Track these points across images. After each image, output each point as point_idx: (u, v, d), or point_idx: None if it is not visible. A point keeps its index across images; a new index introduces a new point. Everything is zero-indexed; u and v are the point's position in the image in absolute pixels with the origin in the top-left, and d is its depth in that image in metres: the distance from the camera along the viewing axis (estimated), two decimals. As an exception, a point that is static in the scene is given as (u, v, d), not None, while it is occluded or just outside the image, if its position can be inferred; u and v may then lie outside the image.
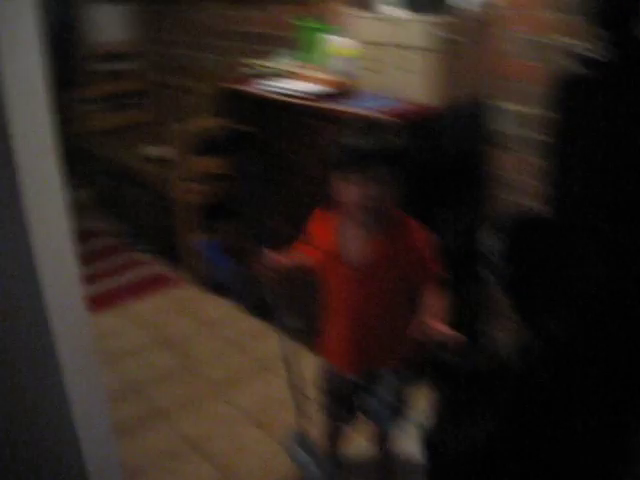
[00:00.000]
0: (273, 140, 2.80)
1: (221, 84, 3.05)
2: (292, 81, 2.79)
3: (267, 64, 2.99)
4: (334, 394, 2.02)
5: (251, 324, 3.23)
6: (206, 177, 3.54)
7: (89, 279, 3.66)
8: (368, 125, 1.90)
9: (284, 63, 3.01)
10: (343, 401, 2.01)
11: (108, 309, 3.44)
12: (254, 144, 2.90)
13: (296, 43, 3.08)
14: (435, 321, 1.74)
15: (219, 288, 3.53)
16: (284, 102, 2.65)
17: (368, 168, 1.70)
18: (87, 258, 3.90)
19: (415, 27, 2.31)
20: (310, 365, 2.07)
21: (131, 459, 2.37)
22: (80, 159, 4.59)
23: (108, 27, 4.47)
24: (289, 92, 2.67)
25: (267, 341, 2.97)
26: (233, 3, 3.62)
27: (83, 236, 4.03)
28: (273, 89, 2.75)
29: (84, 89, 4.48)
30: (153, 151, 3.90)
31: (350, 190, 1.74)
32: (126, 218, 4.29)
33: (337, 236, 1.86)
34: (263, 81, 2.84)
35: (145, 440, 2.51)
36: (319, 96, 2.58)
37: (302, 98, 2.60)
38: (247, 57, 3.49)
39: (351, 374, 1.96)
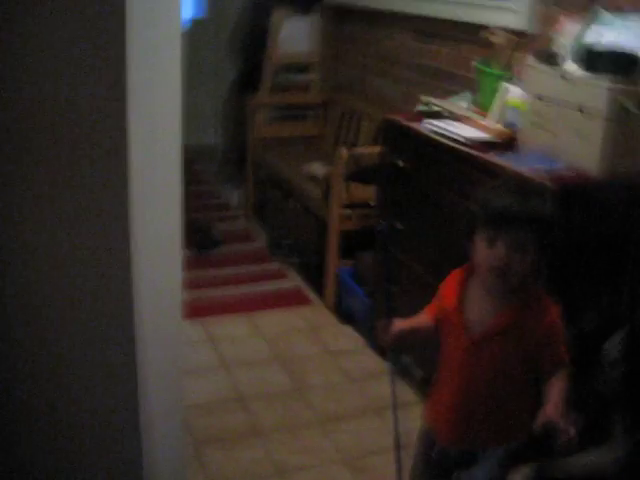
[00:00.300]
0: (426, 181, 2.71)
1: (389, 115, 2.99)
2: (459, 125, 2.68)
3: (440, 103, 2.90)
4: (430, 463, 1.89)
5: (373, 360, 3.14)
6: (359, 204, 3.50)
7: (224, 281, 3.78)
8: (521, 184, 1.77)
9: (457, 105, 2.91)
10: (436, 472, 1.88)
11: (234, 314, 3.48)
12: (407, 181, 2.83)
13: (474, 85, 2.98)
14: (552, 410, 1.58)
15: (349, 317, 3.48)
16: (444, 145, 2.56)
17: (513, 232, 1.57)
18: (228, 260, 4.04)
19: (597, 90, 2.13)
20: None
21: (217, 471, 2.36)
22: (244, 163, 4.72)
23: (295, 38, 4.55)
24: (452, 136, 2.57)
25: (385, 382, 2.86)
26: (424, 36, 3.56)
27: (230, 237, 4.15)
28: (438, 130, 2.66)
29: (262, 96, 4.60)
30: (315, 169, 3.92)
31: (487, 252, 1.62)
32: (276, 228, 4.34)
33: (463, 299, 1.74)
34: (431, 120, 2.76)
35: (236, 456, 2.49)
36: (480, 144, 2.46)
37: (462, 144, 2.49)
38: (426, 91, 3.43)
39: (451, 446, 1.82)
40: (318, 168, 3.91)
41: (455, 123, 2.72)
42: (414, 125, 2.79)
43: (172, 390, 1.40)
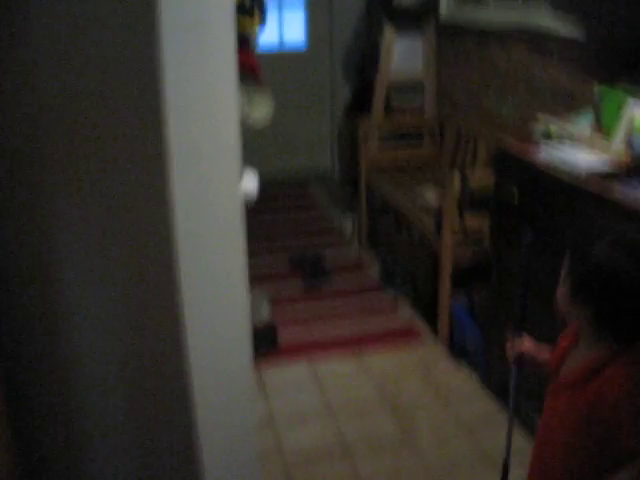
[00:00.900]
0: (541, 219, 2.46)
1: (501, 142, 2.76)
2: (578, 151, 2.43)
3: (558, 125, 2.65)
4: None
5: (488, 404, 2.91)
6: (473, 235, 3.28)
7: (332, 315, 3.65)
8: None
9: (577, 126, 2.64)
10: None
11: (342, 351, 3.34)
12: (521, 217, 2.58)
13: (597, 107, 2.69)
14: None
15: (463, 351, 3.26)
16: (560, 178, 2.31)
17: (620, 299, 1.34)
18: (337, 291, 3.90)
19: None
20: None
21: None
22: (356, 189, 4.58)
23: (407, 57, 4.38)
24: (568, 167, 2.31)
25: (500, 429, 2.64)
26: (540, 53, 3.29)
27: (341, 267, 4.00)
28: (553, 159, 2.41)
29: (374, 119, 4.46)
30: (428, 197, 3.73)
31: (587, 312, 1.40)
32: (389, 257, 4.17)
33: (567, 353, 1.53)
34: (546, 146, 2.51)
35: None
36: (601, 175, 2.20)
37: (580, 177, 2.23)
38: (543, 110, 3.17)
39: None
40: (431, 195, 3.71)
41: (574, 149, 2.47)
42: (527, 154, 2.55)
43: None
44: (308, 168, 6.06)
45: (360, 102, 4.93)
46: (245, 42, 3.05)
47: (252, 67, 2.91)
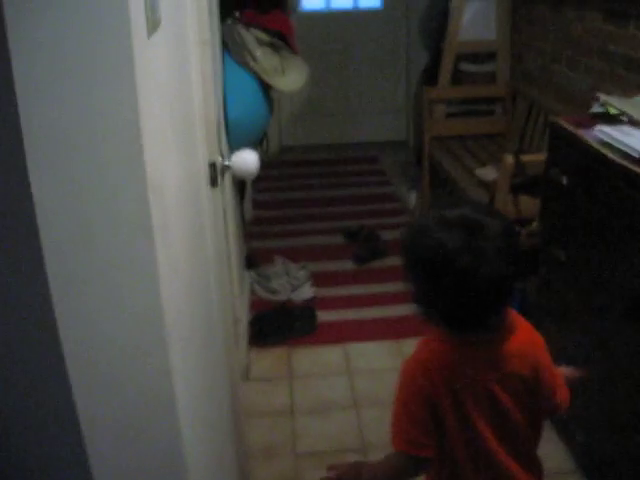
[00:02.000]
0: (592, 205, 2.16)
1: (556, 118, 2.45)
2: (638, 133, 2.10)
3: (619, 104, 2.32)
4: None
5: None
6: (529, 219, 2.98)
7: (379, 299, 3.40)
8: None
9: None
10: None
11: (382, 340, 3.11)
12: (572, 202, 2.29)
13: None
14: None
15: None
16: (614, 161, 2.00)
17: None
18: (390, 273, 3.62)
19: None
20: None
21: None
22: (420, 162, 4.31)
23: (477, 23, 4.03)
24: (624, 149, 2.00)
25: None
26: (617, 18, 2.90)
27: (397, 248, 3.75)
28: (608, 140, 2.10)
29: (441, 88, 4.16)
30: (486, 173, 3.43)
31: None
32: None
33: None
34: (604, 126, 2.19)
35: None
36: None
37: (636, 161, 1.93)
38: (617, 85, 2.82)
39: None
40: (490, 172, 3.41)
41: (636, 132, 2.14)
42: (580, 132, 2.24)
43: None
44: (381, 138, 5.78)
45: (434, 71, 4.62)
46: (280, 3, 2.85)
47: (284, 31, 2.70)
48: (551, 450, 2.44)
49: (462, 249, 1.19)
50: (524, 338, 1.37)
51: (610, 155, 2.03)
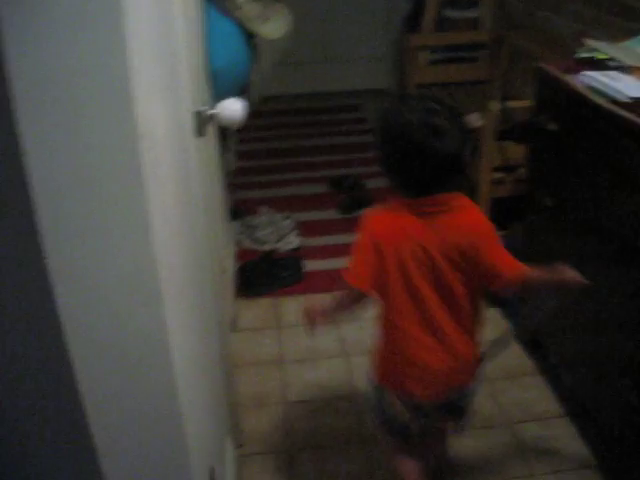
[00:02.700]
0: (579, 151, 2.16)
1: (541, 64, 2.43)
2: (628, 79, 2.10)
3: (607, 49, 2.30)
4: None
5: (515, 359, 2.67)
6: (514, 166, 2.99)
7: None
8: None
9: (631, 50, 2.29)
10: None
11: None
12: (559, 148, 2.29)
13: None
14: None
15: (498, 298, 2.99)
16: (601, 106, 2.00)
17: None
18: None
19: None
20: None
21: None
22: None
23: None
24: (611, 94, 2.00)
25: (529, 387, 2.45)
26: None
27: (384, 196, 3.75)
28: (594, 85, 2.09)
29: (423, 35, 4.11)
30: (472, 121, 3.41)
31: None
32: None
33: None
34: (590, 72, 2.18)
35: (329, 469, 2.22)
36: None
37: (624, 106, 1.92)
38: (603, 31, 2.80)
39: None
40: (475, 119, 3.39)
41: (623, 76, 2.14)
42: (566, 78, 2.23)
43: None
44: (362, 86, 5.71)
45: (416, 17, 4.55)
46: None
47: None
48: (538, 395, 2.48)
49: (423, 125, 1.48)
50: (469, 219, 1.60)
51: (598, 100, 2.03)
